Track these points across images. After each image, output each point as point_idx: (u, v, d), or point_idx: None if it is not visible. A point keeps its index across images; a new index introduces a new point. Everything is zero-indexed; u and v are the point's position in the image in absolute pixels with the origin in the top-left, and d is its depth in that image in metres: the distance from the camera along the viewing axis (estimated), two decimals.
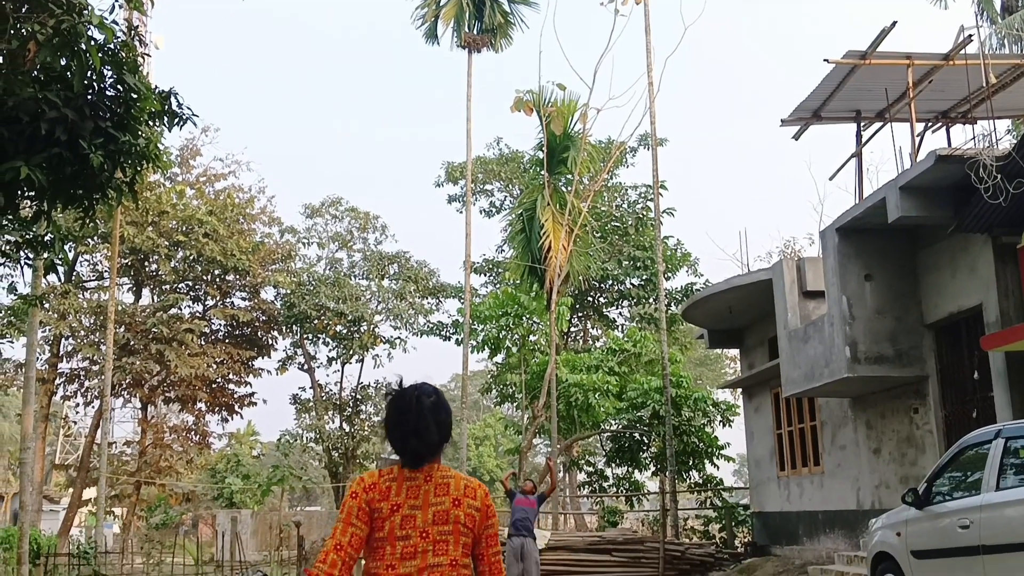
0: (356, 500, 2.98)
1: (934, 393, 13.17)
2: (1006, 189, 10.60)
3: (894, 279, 13.44)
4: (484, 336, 26.15)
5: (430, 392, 3.10)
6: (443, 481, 3.01)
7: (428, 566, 2.90)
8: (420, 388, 3.11)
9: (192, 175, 33.26)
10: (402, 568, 2.89)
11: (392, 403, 3.11)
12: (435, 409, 3.05)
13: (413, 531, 2.92)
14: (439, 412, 3.06)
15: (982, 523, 7.58)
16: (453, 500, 2.98)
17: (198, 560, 16.96)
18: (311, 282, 34.85)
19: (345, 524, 2.97)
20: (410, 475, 2.99)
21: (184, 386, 30.50)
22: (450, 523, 2.95)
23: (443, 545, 2.93)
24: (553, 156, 24.34)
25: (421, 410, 3.02)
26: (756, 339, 19.30)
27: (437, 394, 3.11)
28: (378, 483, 2.99)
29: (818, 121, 16.81)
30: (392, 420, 3.08)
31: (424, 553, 2.91)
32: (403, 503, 2.94)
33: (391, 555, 2.90)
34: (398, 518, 2.92)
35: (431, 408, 3.04)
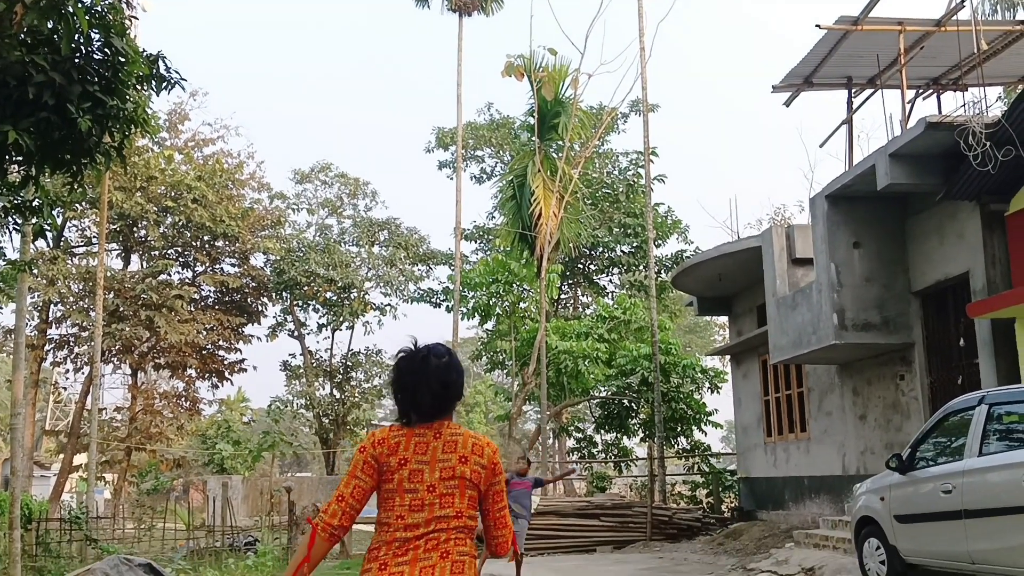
0: (363, 454, 3.07)
1: (920, 360, 13.29)
2: (995, 156, 10.63)
3: (882, 247, 13.50)
4: (474, 303, 26.19)
5: (441, 353, 3.13)
6: (451, 439, 3.07)
7: (435, 517, 2.99)
8: (431, 349, 3.14)
9: (180, 140, 33.00)
10: (410, 519, 2.98)
11: (398, 362, 3.15)
12: (445, 370, 3.09)
13: (420, 485, 3.00)
14: (449, 373, 3.10)
15: (964, 488, 7.69)
16: (460, 457, 3.05)
17: (189, 525, 17.08)
18: (301, 248, 34.77)
19: (349, 476, 3.07)
20: (420, 431, 3.06)
21: (174, 352, 30.47)
22: (456, 478, 3.03)
23: (449, 499, 3.02)
24: (544, 122, 24.25)
25: (425, 371, 3.07)
26: (745, 306, 19.40)
27: (449, 355, 3.14)
28: (387, 438, 3.06)
29: (809, 87, 16.78)
30: (395, 379, 3.13)
31: (431, 506, 2.99)
32: (411, 458, 3.02)
33: (400, 506, 2.99)
34: (406, 472, 3.00)
35: (439, 369, 3.08)
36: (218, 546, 15.38)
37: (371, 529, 13.15)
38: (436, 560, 2.97)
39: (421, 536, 2.98)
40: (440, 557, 2.98)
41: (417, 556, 2.96)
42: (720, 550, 15.94)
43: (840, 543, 11.86)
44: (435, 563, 2.96)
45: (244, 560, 13.95)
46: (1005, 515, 7.19)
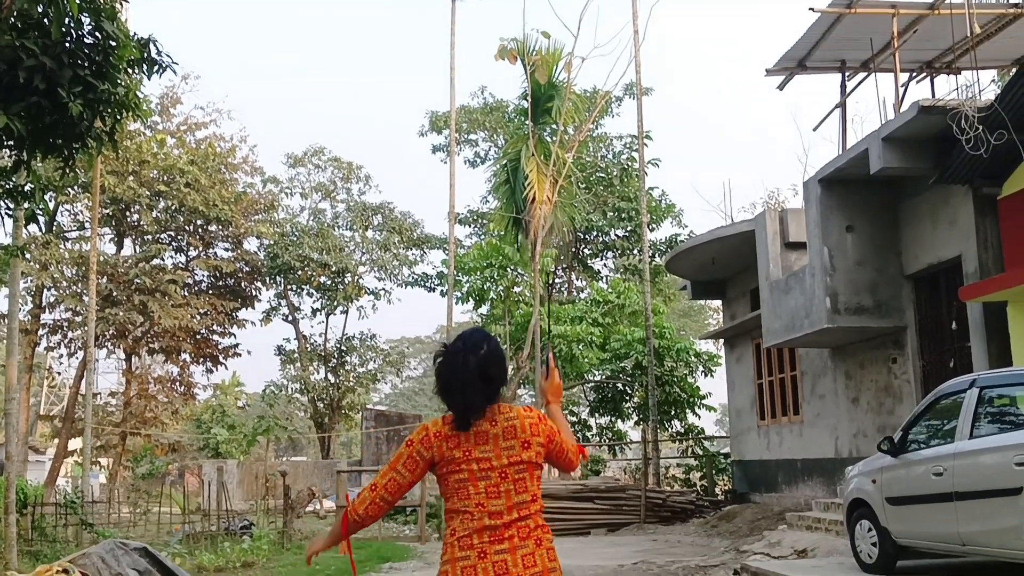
0: (409, 448, 3.09)
1: (912, 343, 13.35)
2: (987, 140, 10.64)
3: (875, 230, 13.52)
4: (469, 287, 26.21)
5: (479, 345, 3.12)
6: (509, 424, 3.08)
7: (514, 504, 3.02)
8: (468, 344, 3.13)
9: (173, 124, 32.87)
10: (491, 506, 3.00)
11: (438, 368, 3.14)
12: (484, 364, 3.09)
13: (492, 472, 3.02)
14: (488, 367, 3.09)
15: (955, 470, 7.75)
16: (522, 443, 3.07)
17: (185, 509, 17.10)
18: (294, 233, 34.73)
19: (389, 468, 3.10)
20: (476, 423, 3.07)
21: (168, 337, 30.46)
22: (524, 463, 3.06)
23: (522, 483, 3.05)
24: (537, 106, 24.15)
25: (467, 370, 3.06)
26: (738, 290, 19.44)
27: (487, 342, 3.14)
28: (443, 431, 3.07)
29: (803, 71, 16.75)
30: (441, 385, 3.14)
31: (507, 492, 3.02)
32: (474, 448, 3.04)
33: (476, 494, 3.02)
34: (474, 462, 3.03)
35: (480, 365, 3.08)
36: (214, 530, 15.42)
37: None
38: (532, 548, 3.02)
39: (510, 524, 3.01)
40: (535, 545, 3.04)
41: (515, 544, 2.99)
42: (713, 532, 16.04)
43: (832, 525, 11.94)
44: (532, 551, 3.02)
45: (240, 544, 14.00)
46: (995, 497, 7.24)
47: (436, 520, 17.51)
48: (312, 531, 17.75)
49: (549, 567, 3.04)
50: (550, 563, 3.04)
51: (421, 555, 14.36)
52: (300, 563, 13.32)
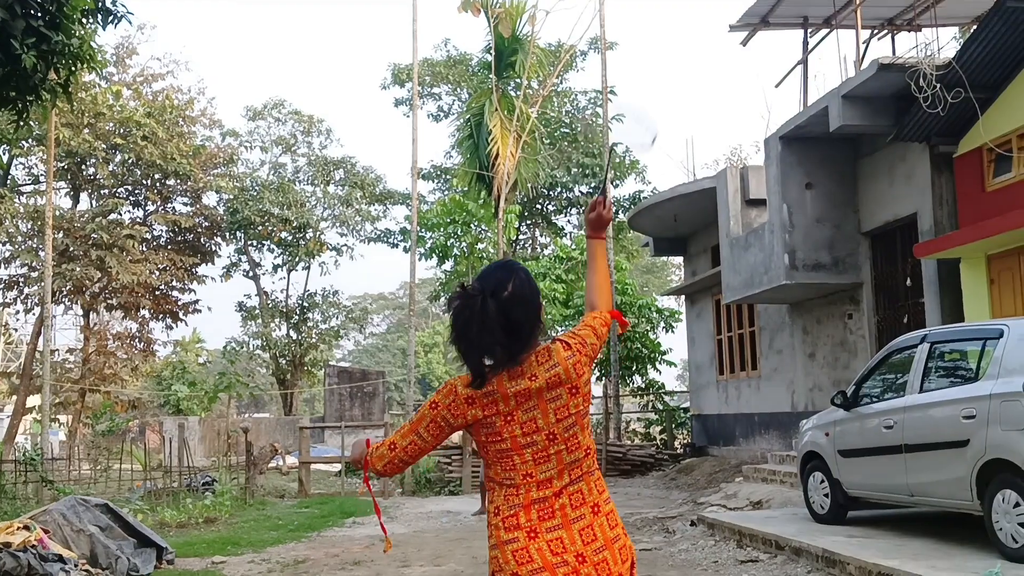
0: (434, 412, 2.68)
1: (868, 299, 13.58)
2: (945, 99, 10.77)
3: (834, 188, 13.68)
4: (432, 243, 26.11)
5: (502, 283, 2.63)
6: (552, 374, 2.63)
7: (567, 465, 2.63)
8: (489, 281, 2.65)
9: (129, 75, 32.17)
10: (540, 474, 2.61)
11: (452, 314, 2.67)
12: (506, 309, 2.60)
13: (538, 435, 2.61)
14: (511, 311, 2.60)
15: (905, 423, 7.94)
16: (569, 390, 2.65)
17: (146, 466, 17.04)
18: (254, 187, 34.32)
19: (410, 430, 2.73)
20: (511, 381, 2.62)
21: (126, 293, 30.10)
22: (572, 415, 2.64)
23: (574, 440, 2.65)
24: (501, 60, 23.96)
25: (485, 319, 2.58)
26: (700, 247, 19.60)
27: (513, 280, 2.65)
28: (476, 396, 2.63)
29: (766, 27, 16.75)
30: (454, 335, 2.66)
31: (558, 454, 2.62)
32: (515, 410, 2.61)
33: (523, 463, 2.62)
34: (516, 427, 2.61)
35: (501, 310, 2.59)
36: (175, 486, 15.41)
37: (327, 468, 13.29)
38: (590, 518, 2.62)
39: (561, 491, 2.62)
40: (592, 513, 2.64)
41: (568, 518, 2.60)
42: (672, 485, 16.35)
43: (787, 477, 12.21)
44: (590, 522, 2.62)
45: (202, 500, 14.01)
46: (943, 449, 7.45)
47: (399, 475, 17.65)
48: (275, 487, 17.81)
49: (611, 536, 2.62)
50: (611, 531, 2.63)
51: (384, 510, 14.48)
52: (263, 518, 13.39)
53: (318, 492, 17.14)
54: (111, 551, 8.38)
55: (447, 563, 9.19)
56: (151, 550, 9.00)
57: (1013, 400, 6.76)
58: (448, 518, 13.16)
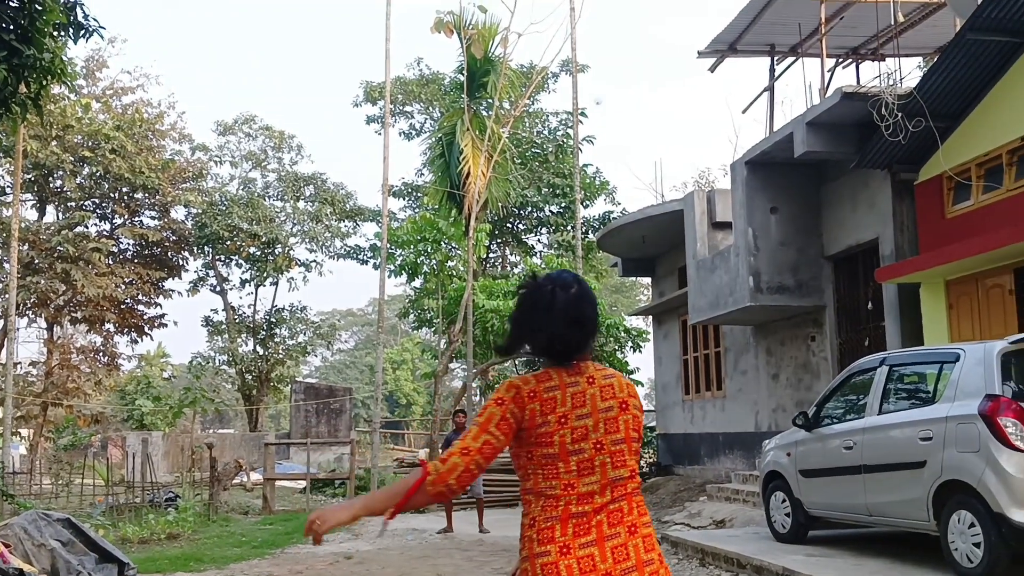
0: (502, 408, 2.60)
1: (830, 322, 13.81)
2: (906, 127, 11.03)
3: (798, 212, 13.91)
4: (402, 261, 26.12)
5: (570, 283, 2.70)
6: (606, 383, 2.66)
7: (610, 481, 2.59)
8: (557, 280, 2.71)
9: (98, 88, 31.97)
10: (582, 486, 2.57)
11: (520, 299, 2.73)
12: (576, 303, 2.67)
13: (586, 444, 2.58)
14: (581, 306, 2.68)
15: (864, 444, 8.10)
16: (620, 404, 2.65)
17: (108, 481, 16.87)
18: (223, 202, 34.13)
19: (480, 430, 2.58)
20: (570, 380, 2.63)
21: (91, 306, 29.78)
22: (621, 431, 2.63)
23: (620, 456, 2.62)
24: (473, 80, 24.10)
25: (554, 307, 2.64)
26: (667, 268, 19.80)
27: (579, 283, 2.72)
28: (538, 391, 2.60)
29: (734, 54, 17.04)
30: (519, 319, 2.71)
31: (603, 466, 2.59)
32: (570, 414, 2.58)
33: (566, 472, 2.57)
34: (567, 431, 2.57)
35: (570, 303, 2.66)
36: (138, 502, 15.26)
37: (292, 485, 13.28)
38: (625, 537, 2.57)
39: (600, 508, 2.57)
40: (628, 533, 2.58)
41: (603, 533, 2.55)
42: None
43: (750, 496, 12.35)
44: (625, 541, 2.56)
45: (165, 516, 13.89)
46: (900, 470, 7.60)
47: (365, 492, 17.58)
48: (239, 503, 17.67)
49: (644, 559, 2.57)
50: (646, 554, 2.58)
51: (349, 527, 14.42)
52: (226, 534, 13.30)
53: (283, 509, 17.03)
54: (72, 566, 8.30)
55: None
56: (113, 566, 8.91)
57: (968, 423, 6.93)
58: (413, 536, 13.15)
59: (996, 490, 6.62)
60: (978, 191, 11.09)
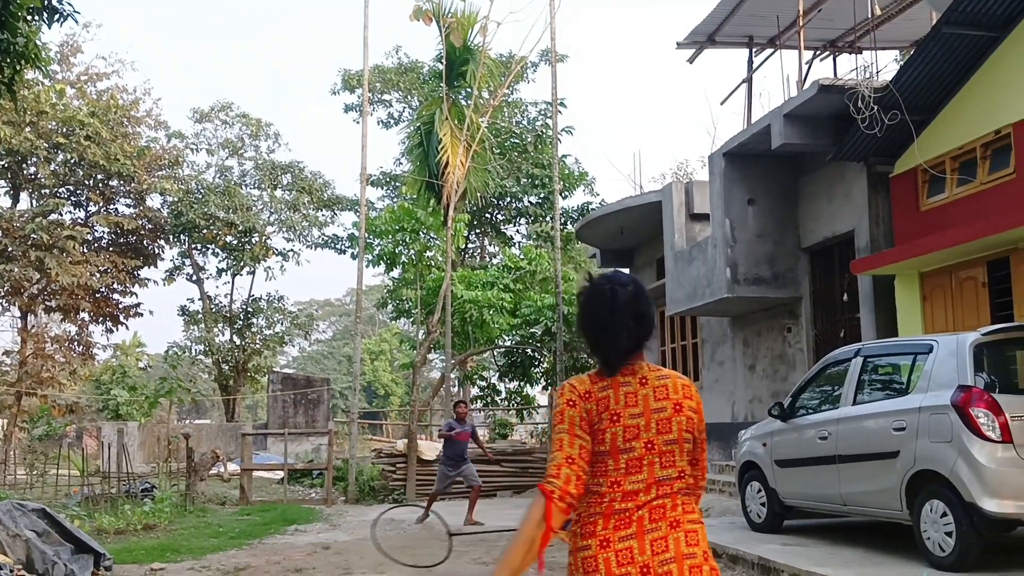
0: (575, 409, 2.63)
1: (806, 313, 13.91)
2: (882, 120, 11.12)
3: (775, 204, 14.00)
4: (380, 250, 26.05)
5: (627, 281, 2.75)
6: (660, 383, 2.68)
7: (657, 480, 2.61)
8: (614, 278, 2.75)
9: (73, 73, 31.61)
10: (628, 485, 2.58)
11: (584, 301, 2.76)
12: (635, 300, 2.70)
13: (636, 442, 2.60)
14: (639, 303, 2.71)
15: (839, 434, 8.19)
16: (674, 405, 2.66)
17: (83, 471, 16.74)
18: (200, 190, 33.87)
19: (571, 436, 2.60)
20: (624, 379, 2.66)
21: (66, 295, 29.50)
22: (674, 431, 2.64)
23: (670, 456, 2.63)
24: (452, 69, 24.01)
25: (615, 305, 2.68)
26: (645, 259, 19.87)
27: (635, 283, 2.76)
28: (592, 391, 2.64)
29: (712, 45, 17.09)
30: (586, 319, 2.74)
31: (651, 466, 2.60)
32: (623, 412, 2.61)
33: (614, 470, 2.59)
34: (620, 429, 2.60)
35: (628, 301, 2.69)
36: (114, 492, 15.16)
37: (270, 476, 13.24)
38: (666, 531, 2.57)
39: (643, 505, 2.58)
40: (670, 527, 2.57)
41: (643, 528, 2.55)
42: None
43: (726, 487, 12.45)
44: (666, 534, 2.56)
45: (141, 506, 13.82)
46: (874, 460, 7.69)
47: (343, 483, 17.56)
48: (216, 494, 17.60)
49: (685, 552, 2.55)
50: (687, 548, 2.56)
51: (327, 518, 14.42)
52: (203, 525, 13.25)
53: (260, 499, 16.98)
54: (47, 556, 8.25)
55: (389, 571, 9.20)
56: (88, 556, 8.87)
57: (941, 413, 7.02)
58: (391, 526, 13.15)
59: (968, 480, 6.71)
60: (952, 184, 11.21)
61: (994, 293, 10.35)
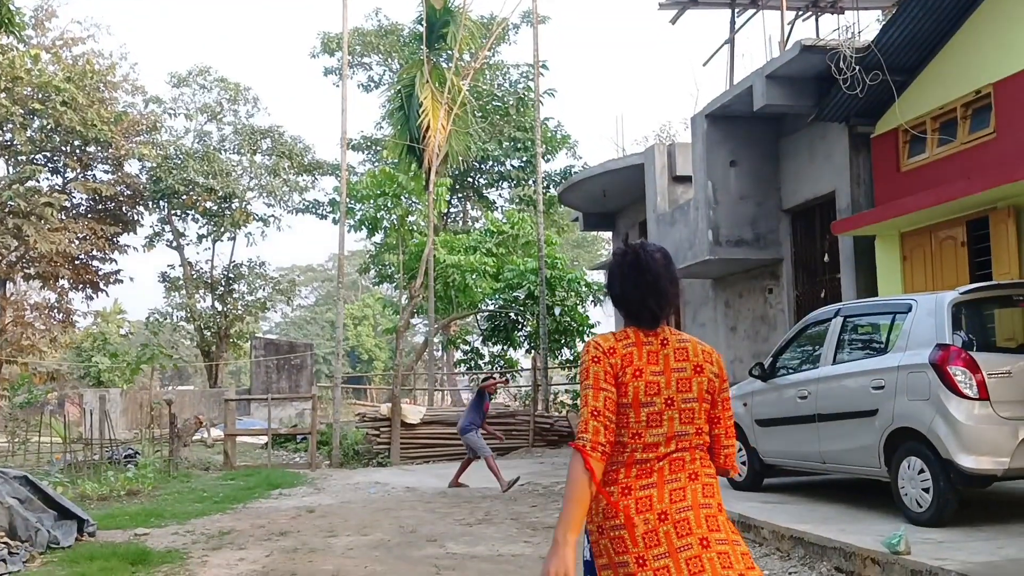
0: (600, 364, 2.75)
1: (788, 275, 13.97)
2: (863, 81, 11.10)
3: (757, 165, 13.99)
4: (362, 215, 25.94)
5: (655, 250, 2.94)
6: (681, 346, 2.82)
7: (676, 434, 2.74)
8: (645, 246, 2.94)
9: (48, 38, 31.09)
10: (648, 437, 2.72)
11: (627, 262, 2.90)
12: (665, 267, 2.89)
13: (657, 398, 2.73)
14: (670, 270, 2.90)
15: (819, 394, 8.25)
16: (694, 367, 2.80)
17: (66, 439, 16.68)
18: (178, 155, 33.53)
19: (596, 390, 2.73)
20: (646, 339, 2.80)
21: (45, 262, 29.26)
22: (693, 390, 2.78)
23: (688, 413, 2.76)
24: (432, 31, 23.79)
25: (644, 270, 2.86)
26: (628, 222, 19.86)
27: (663, 252, 2.95)
28: (616, 348, 2.78)
29: (695, 6, 17.00)
30: (630, 279, 2.88)
31: (671, 421, 2.74)
32: (645, 368, 2.75)
33: (636, 423, 2.73)
34: (642, 384, 2.73)
35: (659, 267, 2.87)
36: (96, 459, 15.13)
37: (254, 441, 13.20)
38: (685, 482, 2.72)
39: (664, 457, 2.72)
40: (689, 479, 2.73)
41: (664, 478, 2.70)
42: None
43: None
44: (684, 485, 2.71)
45: (124, 473, 13.80)
46: (853, 419, 7.75)
47: (327, 447, 17.60)
48: (199, 459, 17.62)
49: (701, 502, 2.70)
50: (704, 499, 2.71)
51: (311, 481, 14.46)
52: (187, 490, 13.27)
53: (244, 464, 17.01)
54: (31, 523, 8.24)
55: (374, 532, 9.25)
56: (72, 522, 8.86)
57: (919, 371, 7.08)
58: (376, 489, 13.21)
59: (945, 436, 6.78)
60: (933, 144, 11.22)
61: (973, 252, 10.41)
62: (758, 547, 7.43)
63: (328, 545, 8.60)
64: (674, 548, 2.63)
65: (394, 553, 8.15)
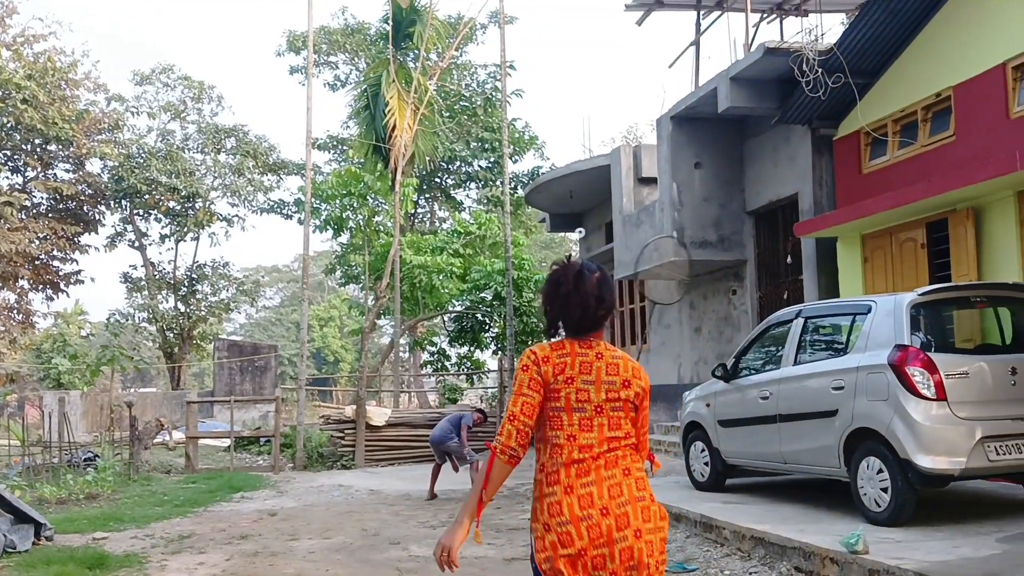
0: (528, 372, 3.00)
1: (751, 276, 14.06)
2: (826, 83, 11.19)
3: (721, 167, 14.07)
4: (327, 215, 25.74)
5: (594, 269, 3.11)
6: (614, 361, 3.05)
7: (606, 438, 2.97)
8: (584, 264, 3.12)
9: (8, 35, 30.56)
10: (583, 439, 2.95)
11: (551, 275, 3.13)
12: (598, 285, 3.06)
13: (588, 404, 2.98)
14: (602, 288, 3.07)
15: (780, 394, 8.29)
16: (623, 381, 3.03)
17: (24, 441, 16.40)
18: (141, 154, 33.09)
19: (517, 395, 2.99)
20: (581, 351, 3.03)
21: (4, 262, 28.76)
22: (621, 401, 3.01)
23: (616, 420, 3.00)
24: (399, 30, 23.67)
25: (580, 284, 3.04)
26: (595, 223, 19.90)
27: (602, 271, 3.13)
28: (551, 356, 3.01)
29: (660, 7, 17.03)
30: (548, 291, 3.10)
31: (600, 426, 2.98)
32: (576, 377, 2.99)
33: (569, 425, 2.97)
34: (572, 391, 2.97)
35: (593, 284, 3.05)
36: (55, 462, 14.88)
37: (216, 444, 13.11)
38: (620, 477, 2.95)
39: (599, 456, 2.96)
40: (623, 474, 2.96)
41: (601, 476, 2.94)
42: None
43: (672, 447, 12.60)
44: (620, 480, 2.95)
45: (84, 476, 13.59)
46: (813, 419, 7.80)
47: (291, 450, 17.45)
48: (161, 462, 17.39)
49: (637, 496, 2.95)
50: (638, 492, 2.96)
51: (274, 484, 14.32)
52: (147, 494, 13.08)
53: (206, 467, 16.81)
54: None
55: (336, 535, 9.18)
56: (29, 527, 8.70)
57: (878, 372, 7.13)
58: (340, 492, 13.11)
59: (903, 436, 6.83)
60: (894, 147, 11.34)
61: (933, 254, 10.53)
62: (720, 547, 7.45)
63: (289, 549, 8.52)
64: (612, 540, 2.87)
65: (356, 556, 8.09)
